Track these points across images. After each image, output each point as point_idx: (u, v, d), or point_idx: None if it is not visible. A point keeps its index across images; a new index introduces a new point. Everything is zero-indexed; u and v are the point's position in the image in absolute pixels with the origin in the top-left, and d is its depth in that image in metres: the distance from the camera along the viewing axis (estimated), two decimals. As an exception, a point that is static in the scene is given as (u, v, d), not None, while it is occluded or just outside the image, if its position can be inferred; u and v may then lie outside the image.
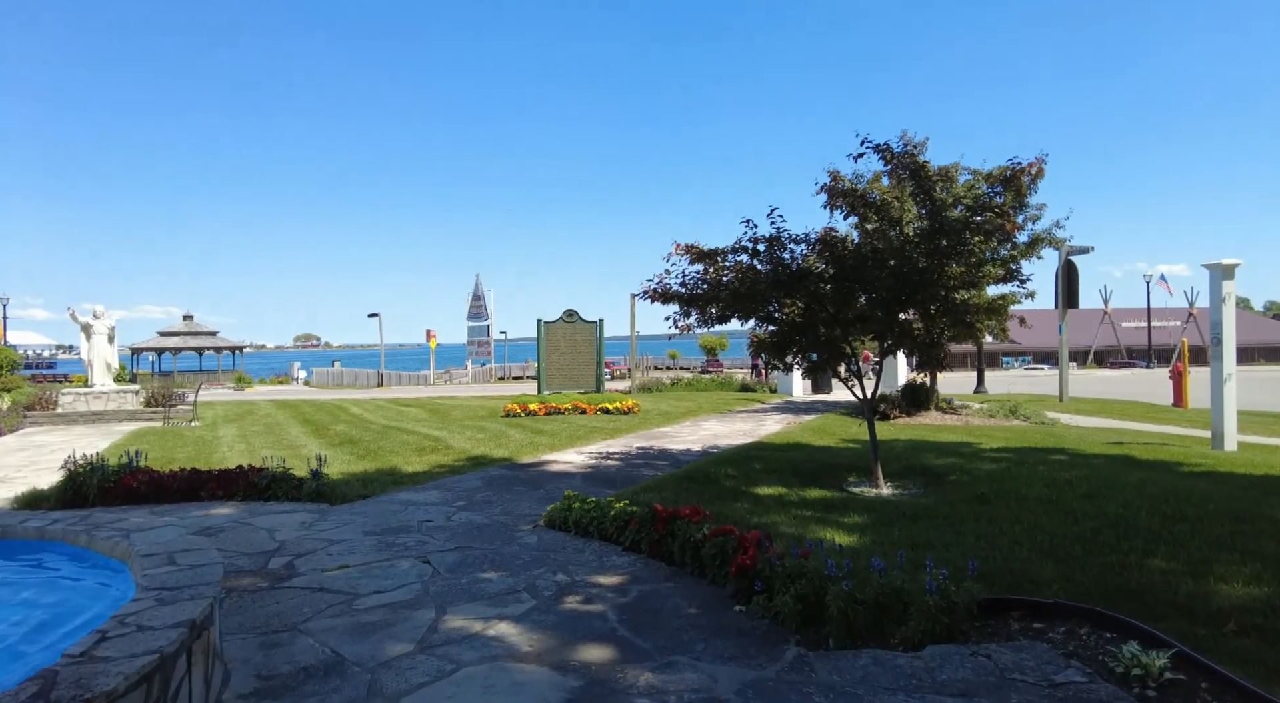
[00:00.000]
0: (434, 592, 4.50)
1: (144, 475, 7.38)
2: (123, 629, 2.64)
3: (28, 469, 9.62)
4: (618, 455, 10.18)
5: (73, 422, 15.88)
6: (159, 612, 2.82)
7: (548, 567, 4.99)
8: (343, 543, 5.66)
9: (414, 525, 6.21)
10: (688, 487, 7.53)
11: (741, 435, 12.31)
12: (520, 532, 5.98)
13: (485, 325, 42.54)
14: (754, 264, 7.73)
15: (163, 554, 3.60)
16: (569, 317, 21.06)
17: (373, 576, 4.84)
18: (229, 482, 7.45)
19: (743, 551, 4.36)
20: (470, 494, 7.55)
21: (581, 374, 20.93)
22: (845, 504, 6.68)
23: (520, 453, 10.42)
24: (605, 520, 5.62)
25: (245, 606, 4.29)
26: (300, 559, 5.24)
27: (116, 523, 4.32)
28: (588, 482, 8.16)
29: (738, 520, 5.56)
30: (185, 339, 43.34)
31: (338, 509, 6.89)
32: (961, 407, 16.09)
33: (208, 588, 3.12)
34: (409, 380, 38.05)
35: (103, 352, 17.41)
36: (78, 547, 4.08)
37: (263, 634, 3.84)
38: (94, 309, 17.39)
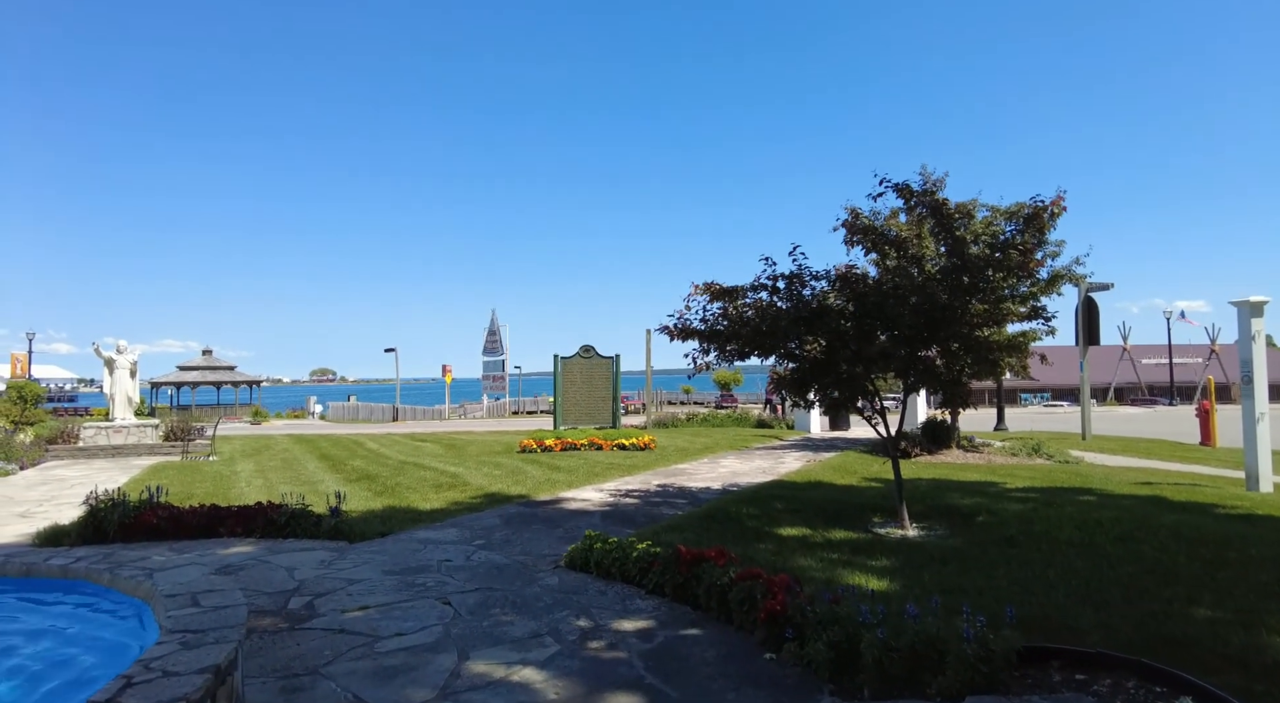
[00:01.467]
0: (455, 635, 4.41)
1: (164, 512, 7.37)
2: (148, 674, 2.60)
3: (49, 504, 9.64)
4: (636, 493, 10.08)
5: (93, 456, 15.98)
6: (184, 656, 2.78)
7: (570, 610, 4.89)
8: (362, 583, 5.60)
9: (433, 565, 6.14)
10: (709, 527, 7.41)
11: (761, 473, 12.17)
12: (541, 573, 5.89)
13: (500, 360, 42.68)
14: (774, 301, 7.72)
15: (186, 595, 3.57)
16: (585, 352, 21.09)
17: (393, 617, 4.77)
18: (248, 519, 7.42)
19: (771, 596, 4.26)
20: (489, 533, 7.48)
21: (598, 410, 20.87)
22: (872, 546, 6.54)
23: (538, 490, 10.34)
24: (627, 562, 5.52)
25: (266, 647, 4.23)
26: (320, 599, 5.17)
27: (139, 561, 4.30)
28: (607, 521, 8.07)
29: (763, 563, 5.45)
30: (204, 373, 43.77)
31: (356, 547, 6.83)
32: (983, 445, 15.86)
33: (231, 631, 3.08)
34: (424, 415, 38.10)
35: (124, 386, 17.57)
36: (101, 586, 4.06)
37: (284, 678, 3.77)
38: (117, 344, 17.61)
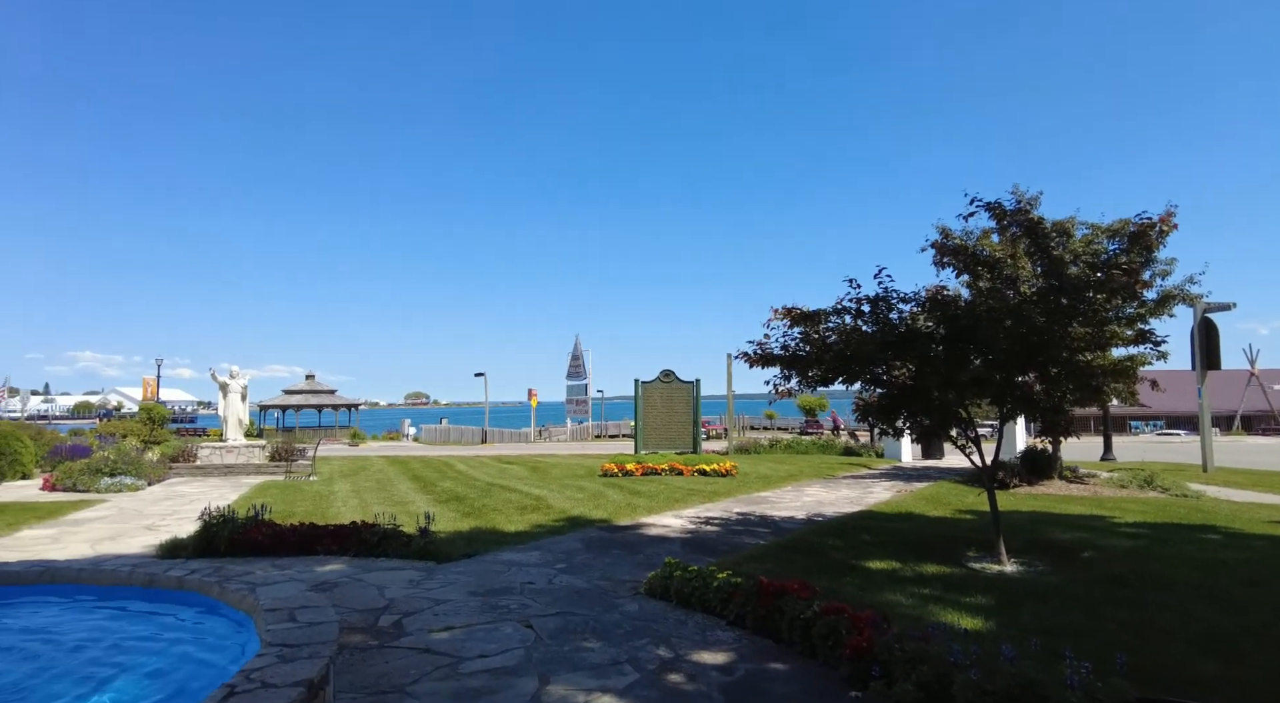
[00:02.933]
0: (536, 659, 4.46)
1: (267, 529, 7.80)
2: (249, 685, 2.74)
3: (170, 518, 10.36)
4: (717, 521, 9.96)
5: (208, 474, 17.11)
6: (280, 669, 2.92)
7: (650, 638, 4.86)
8: (448, 603, 5.74)
9: (516, 587, 6.24)
10: (792, 558, 7.24)
11: (848, 503, 11.82)
12: (620, 599, 5.89)
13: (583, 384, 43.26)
14: (859, 325, 7.55)
15: (284, 610, 3.76)
16: (665, 377, 21.13)
17: (477, 639, 4.86)
18: (343, 537, 7.75)
19: (857, 632, 4.11)
20: (570, 557, 7.54)
21: (678, 434, 20.82)
22: (965, 582, 6.23)
23: (618, 515, 10.38)
24: (708, 592, 5.45)
25: (356, 664, 4.38)
26: (408, 618, 5.33)
27: (244, 576, 4.56)
28: (687, 548, 8.00)
29: (848, 597, 5.28)
30: (307, 397, 46.25)
31: (444, 568, 7.02)
32: (1088, 476, 14.88)
33: (324, 647, 3.21)
34: (511, 438, 38.95)
35: (236, 409, 18.78)
36: (211, 598, 4.33)
37: (372, 695, 3.89)
38: (230, 369, 18.87)
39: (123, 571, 4.74)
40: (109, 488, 13.73)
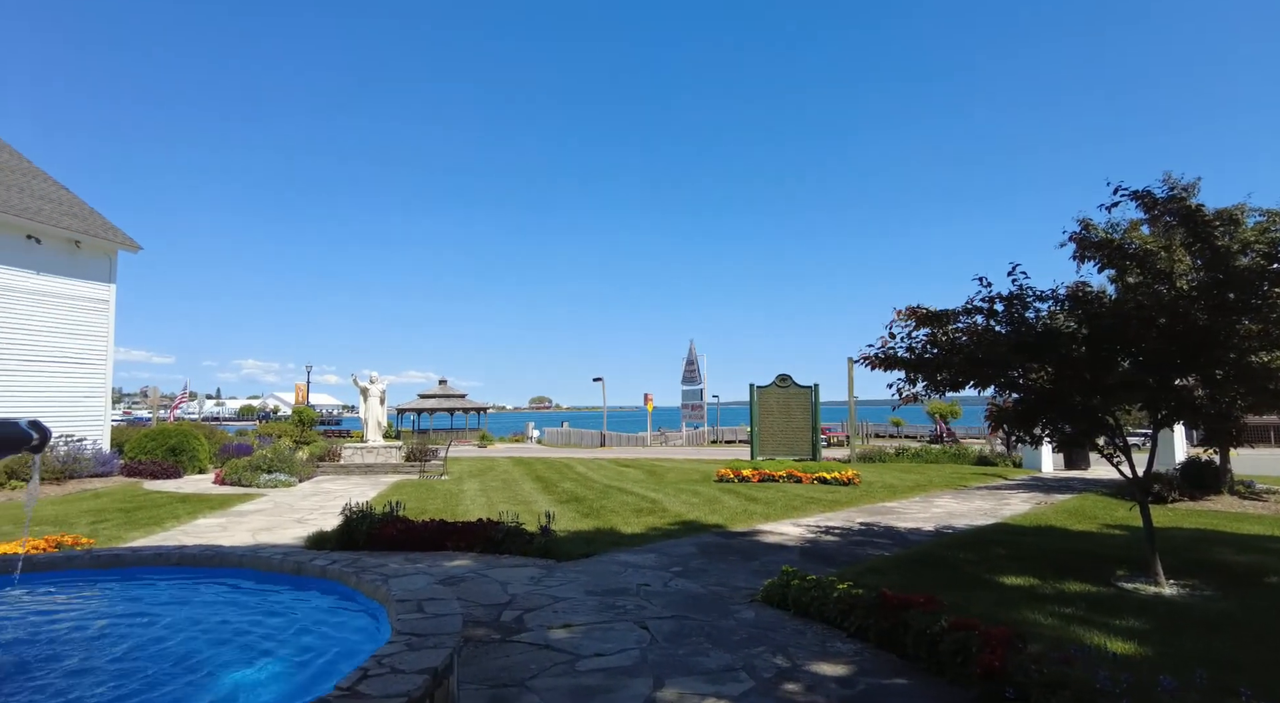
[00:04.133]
0: (651, 661, 4.48)
1: (400, 524, 8.28)
2: (380, 669, 2.92)
3: (317, 513, 11.23)
4: (837, 530, 9.65)
5: (350, 472, 18.42)
6: (408, 657, 3.08)
7: (766, 647, 4.77)
8: (566, 601, 5.88)
9: (632, 589, 6.30)
10: (918, 571, 6.90)
11: (981, 515, 11.13)
12: (736, 606, 5.82)
13: (698, 389, 43.24)
14: (991, 325, 7.10)
15: (413, 601, 3.97)
16: (782, 381, 20.74)
17: (594, 638, 4.94)
18: (469, 534, 8.12)
19: (989, 649, 3.85)
20: (685, 561, 7.53)
21: (796, 441, 20.37)
22: (1115, 603, 5.70)
23: (734, 521, 10.27)
24: (827, 602, 5.28)
25: (479, 656, 4.57)
26: (528, 614, 5.50)
27: (378, 568, 4.85)
28: (805, 557, 7.80)
29: (980, 614, 4.96)
30: (439, 401, 48.90)
31: (563, 567, 7.20)
32: (1266, 492, 13.25)
33: (448, 638, 3.36)
34: (628, 441, 39.51)
35: (375, 412, 20.13)
36: (348, 587, 4.64)
37: (493, 687, 4.04)
38: (370, 375, 20.26)
39: (275, 558, 5.18)
40: (267, 483, 15.06)
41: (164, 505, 11.88)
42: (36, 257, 16.96)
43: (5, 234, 16.30)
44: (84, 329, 18.05)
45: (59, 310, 17.46)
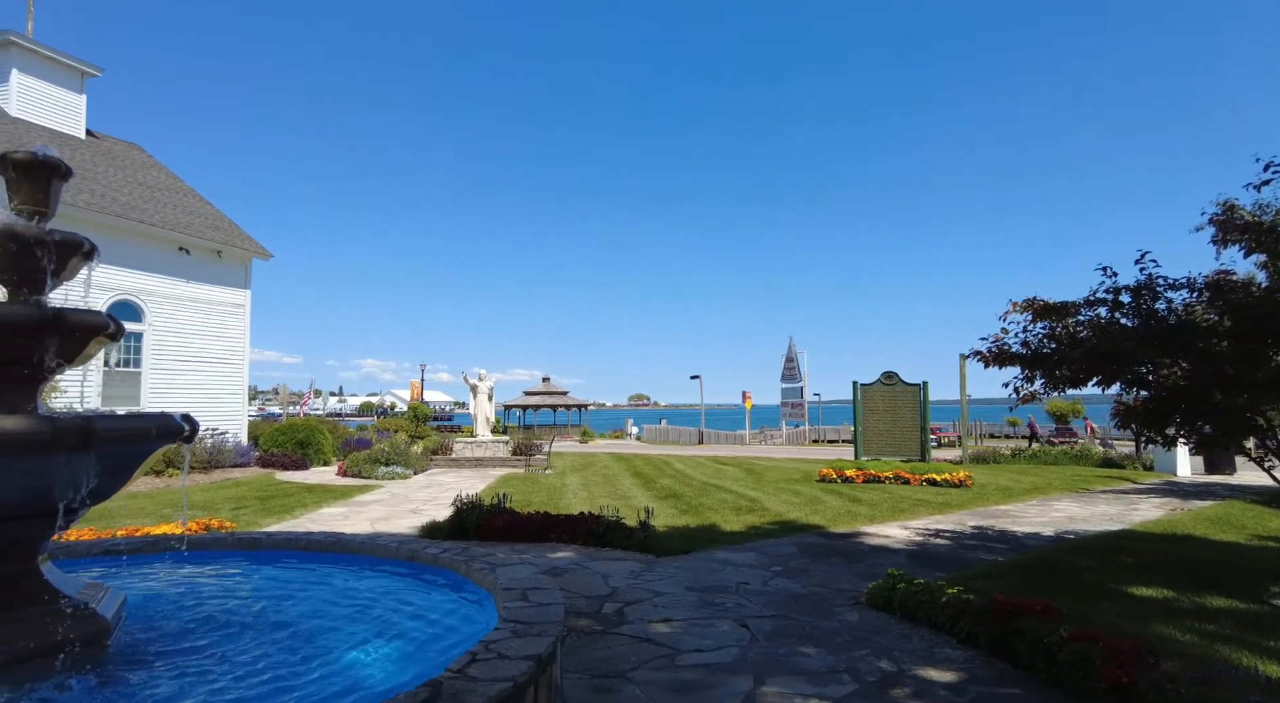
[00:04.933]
0: (751, 659, 4.46)
1: (507, 516, 8.60)
2: (487, 654, 3.05)
3: (430, 504, 11.81)
4: (947, 533, 9.26)
5: (461, 465, 19.24)
6: (514, 643, 3.21)
7: (870, 649, 4.65)
8: (666, 596, 5.94)
9: (732, 587, 6.29)
10: (1034, 577, 6.53)
11: (1106, 521, 10.40)
12: (838, 607, 5.70)
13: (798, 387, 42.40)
14: (1115, 318, 6.63)
15: (518, 590, 4.12)
16: (888, 379, 20.06)
17: (693, 633, 4.97)
18: (572, 527, 8.32)
19: (1115, 663, 3.61)
20: (786, 561, 7.44)
21: (903, 441, 19.65)
22: (1270, 622, 5.20)
23: (836, 522, 10.04)
24: (935, 607, 5.09)
25: (581, 646, 4.69)
26: (629, 607, 5.60)
27: (486, 557, 5.06)
28: (913, 561, 7.53)
29: (1104, 625, 4.65)
30: (543, 398, 50.23)
31: (662, 562, 7.26)
32: None
33: (552, 627, 3.47)
34: (726, 439, 39.27)
35: (484, 408, 20.94)
36: (457, 575, 4.87)
37: (595, 677, 4.14)
38: (479, 372, 21.09)
39: (392, 546, 5.50)
40: (384, 476, 15.97)
41: (293, 495, 12.82)
42: (186, 266, 18.67)
43: (161, 246, 18.03)
44: (224, 332, 19.72)
45: (204, 315, 19.15)
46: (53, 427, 3.03)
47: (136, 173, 20.21)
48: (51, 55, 18.65)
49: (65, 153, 9.63)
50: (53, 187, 3.68)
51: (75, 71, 19.33)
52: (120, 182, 18.78)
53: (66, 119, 19.26)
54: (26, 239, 3.49)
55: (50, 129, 18.57)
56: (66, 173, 3.74)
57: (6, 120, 17.47)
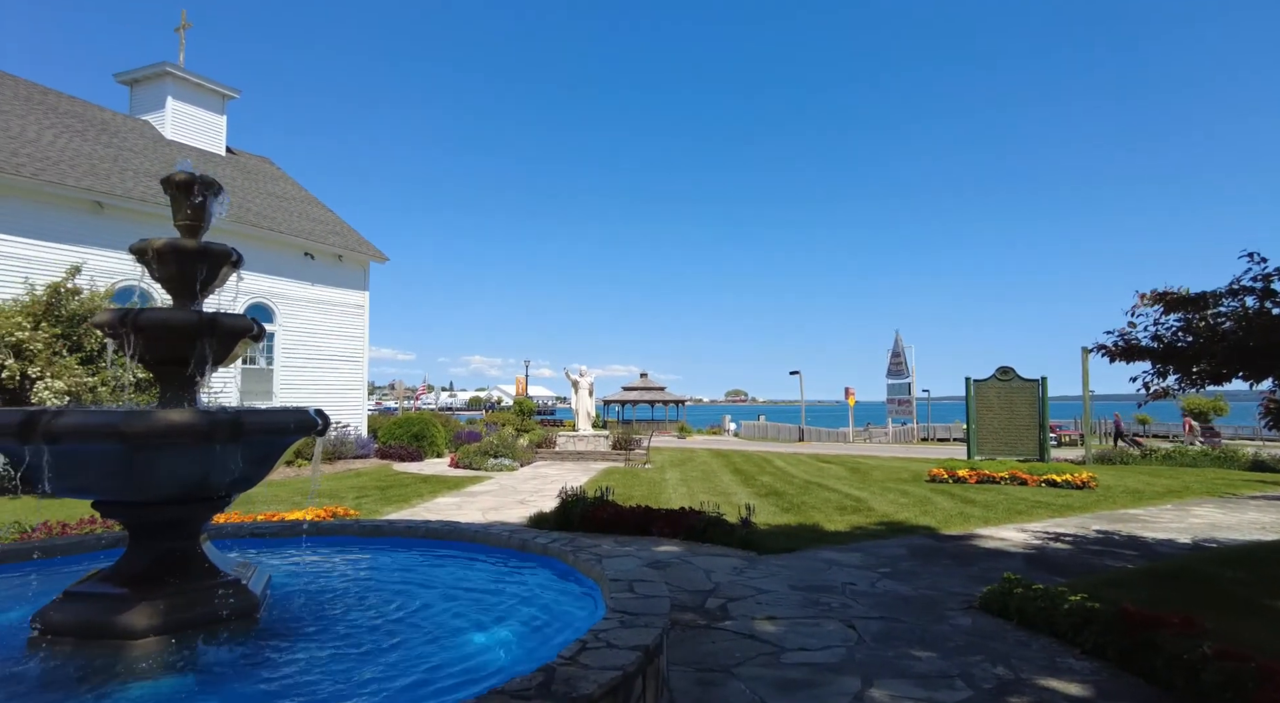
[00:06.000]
0: (859, 660, 4.39)
1: (610, 509, 8.77)
2: (597, 643, 3.16)
3: (536, 495, 12.21)
4: (1068, 538, 8.73)
5: (564, 458, 19.74)
6: (622, 633, 3.30)
7: (985, 656, 4.48)
8: (770, 594, 5.91)
9: (837, 587, 6.19)
10: (1169, 588, 6.07)
11: (1255, 529, 9.52)
12: (950, 611, 5.51)
13: (905, 383, 40.91)
14: (1265, 307, 6.06)
15: (624, 581, 4.22)
16: (1003, 374, 19.06)
17: (798, 632, 4.94)
18: (674, 521, 8.40)
19: (1271, 686, 3.33)
20: (894, 562, 7.24)
21: (1020, 439, 18.64)
22: None
23: (947, 523, 9.65)
24: (1056, 614, 4.84)
25: (686, 640, 4.75)
26: (732, 604, 5.61)
27: (592, 548, 5.20)
28: (1030, 565, 7.16)
29: (1254, 644, 4.28)
30: (641, 393, 50.74)
31: (764, 559, 7.23)
32: None
33: (658, 619, 3.54)
34: (827, 437, 38.42)
35: (585, 403, 21.40)
36: (565, 565, 5.03)
37: (700, 670, 4.19)
38: (580, 368, 21.58)
39: (503, 535, 5.75)
40: (493, 467, 16.61)
41: (410, 485, 13.55)
42: (311, 270, 20.04)
43: (289, 252, 19.43)
44: (346, 331, 21.04)
45: (327, 315, 20.51)
46: (209, 420, 3.37)
47: (267, 184, 21.86)
48: (199, 82, 20.51)
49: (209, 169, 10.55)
50: (208, 203, 4.07)
51: (217, 95, 21.14)
52: (253, 193, 20.37)
53: (210, 138, 21.10)
54: (187, 252, 3.88)
55: (197, 148, 20.41)
56: (218, 190, 4.13)
57: (162, 143, 19.31)
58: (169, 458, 3.37)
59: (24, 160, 14.20)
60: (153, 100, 20.22)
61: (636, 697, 3.00)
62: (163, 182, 3.98)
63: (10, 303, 12.29)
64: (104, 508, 3.67)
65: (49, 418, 3.17)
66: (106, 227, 14.96)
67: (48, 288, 12.42)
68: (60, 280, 12.61)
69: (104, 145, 17.12)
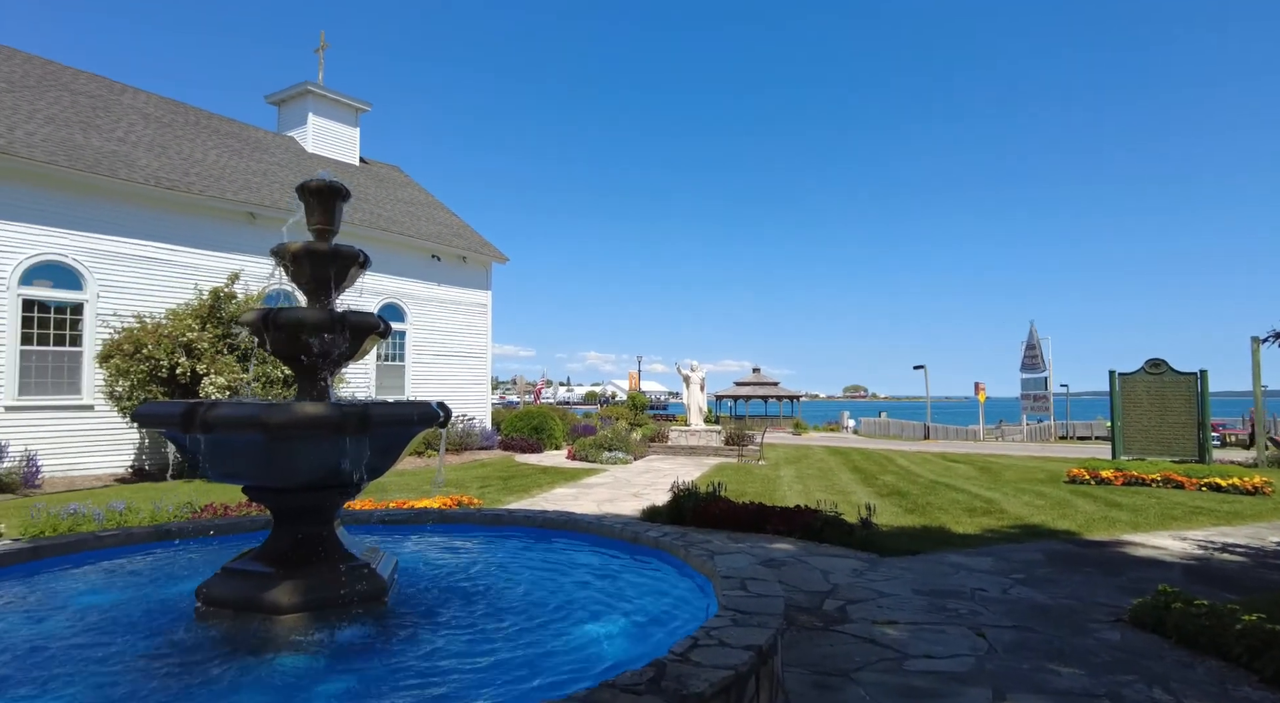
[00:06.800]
0: (989, 670, 4.10)
1: (723, 505, 8.68)
2: (708, 641, 3.10)
3: (649, 489, 12.30)
4: (1238, 549, 7.83)
5: (676, 453, 19.79)
6: (734, 632, 3.23)
7: (1138, 676, 4.07)
8: (891, 597, 5.65)
9: (965, 592, 5.83)
10: (1370, 609, 5.29)
11: None
12: (1094, 624, 5.06)
13: (1042, 377, 38.11)
14: None
15: (736, 579, 4.14)
16: (1154, 367, 17.37)
17: (922, 638, 4.68)
18: (788, 519, 8.20)
19: None
20: (1029, 568, 6.74)
21: (1174, 438, 16.93)
22: None
23: (1090, 528, 8.90)
24: (1225, 633, 4.33)
25: (801, 641, 4.61)
26: (851, 606, 5.40)
27: (703, 544, 5.15)
28: (1190, 577, 6.47)
29: None
30: (754, 388, 50.11)
31: (886, 561, 6.93)
32: None
33: (772, 619, 3.44)
34: (955, 434, 36.44)
35: (697, 398, 21.35)
36: (677, 559, 5.01)
37: (816, 674, 4.05)
38: (691, 363, 21.53)
39: (616, 527, 5.81)
40: (608, 460, 16.89)
41: (529, 476, 13.99)
42: (437, 272, 21.10)
43: (417, 255, 20.54)
44: (470, 329, 22.02)
45: (454, 314, 21.53)
46: (340, 412, 3.58)
47: (396, 190, 23.20)
48: (335, 98, 22.10)
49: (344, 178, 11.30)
50: (337, 208, 4.33)
51: (352, 109, 22.67)
52: (384, 200, 21.67)
53: (345, 150, 22.67)
54: (319, 254, 4.14)
55: (334, 160, 21.98)
56: (347, 196, 4.39)
57: (305, 156, 20.92)
58: (305, 447, 3.60)
59: (194, 179, 15.77)
60: (296, 117, 21.95)
61: (750, 698, 2.92)
62: (297, 190, 4.27)
63: (183, 307, 13.67)
64: (251, 493, 3.98)
65: (204, 410, 3.47)
66: (258, 235, 16.34)
67: (211, 292, 13.72)
68: (221, 286, 13.91)
69: (256, 161, 18.73)
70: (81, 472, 13.33)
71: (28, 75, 16.11)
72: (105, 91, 17.74)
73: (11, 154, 12.65)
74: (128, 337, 12.74)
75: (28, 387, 12.95)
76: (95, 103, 16.74)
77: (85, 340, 13.63)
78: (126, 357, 12.59)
